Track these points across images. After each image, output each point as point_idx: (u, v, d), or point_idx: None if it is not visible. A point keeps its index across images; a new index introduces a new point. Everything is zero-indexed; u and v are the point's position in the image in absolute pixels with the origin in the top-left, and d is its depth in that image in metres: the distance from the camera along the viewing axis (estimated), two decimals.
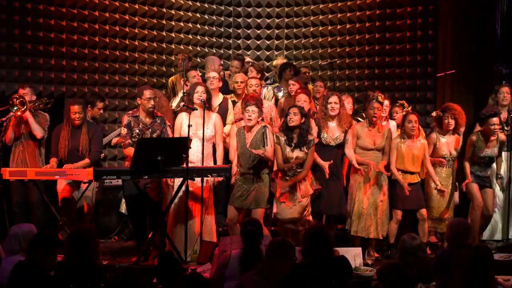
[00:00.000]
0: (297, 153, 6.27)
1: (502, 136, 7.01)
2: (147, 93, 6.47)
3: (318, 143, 6.46)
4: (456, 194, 7.07)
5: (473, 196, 6.96)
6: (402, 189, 6.57)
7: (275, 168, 6.53)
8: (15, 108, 6.75)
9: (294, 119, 6.25)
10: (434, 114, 6.88)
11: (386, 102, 7.11)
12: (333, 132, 6.52)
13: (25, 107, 6.76)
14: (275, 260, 4.39)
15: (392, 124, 7.22)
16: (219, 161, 6.64)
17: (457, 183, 7.03)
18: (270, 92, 8.03)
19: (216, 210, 6.84)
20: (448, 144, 6.85)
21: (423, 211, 6.69)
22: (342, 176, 6.71)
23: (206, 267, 5.63)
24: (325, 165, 6.36)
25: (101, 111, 7.43)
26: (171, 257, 4.60)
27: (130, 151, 6.27)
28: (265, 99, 7.54)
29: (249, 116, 6.30)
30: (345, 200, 6.60)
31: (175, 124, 6.69)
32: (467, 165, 6.98)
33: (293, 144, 6.27)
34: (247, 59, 8.91)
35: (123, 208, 7.60)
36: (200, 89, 6.57)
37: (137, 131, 6.47)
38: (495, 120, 6.81)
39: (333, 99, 6.53)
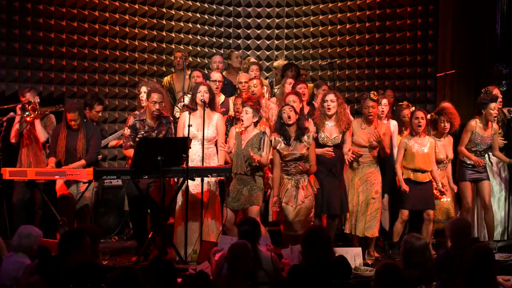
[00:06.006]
0: (298, 148, 6.24)
1: (495, 125, 7.03)
2: (154, 96, 6.37)
3: (315, 143, 6.45)
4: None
5: (463, 196, 6.97)
6: (413, 189, 6.55)
7: (268, 174, 6.56)
8: (26, 113, 6.80)
9: (292, 115, 6.22)
10: (429, 116, 6.84)
11: (385, 101, 7.06)
12: (330, 132, 6.49)
13: (36, 113, 6.79)
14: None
15: (393, 123, 7.17)
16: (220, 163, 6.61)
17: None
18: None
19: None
20: (444, 147, 6.82)
21: (431, 211, 6.64)
22: (343, 175, 6.68)
23: (203, 266, 5.62)
24: (325, 149, 6.38)
25: (100, 114, 7.30)
26: (163, 260, 4.55)
27: (131, 152, 6.23)
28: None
29: (242, 116, 6.36)
30: (346, 200, 6.58)
31: (178, 123, 6.66)
32: (464, 150, 6.96)
33: (291, 142, 6.25)
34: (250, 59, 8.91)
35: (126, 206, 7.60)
36: (202, 88, 6.54)
37: (143, 133, 6.43)
38: (495, 105, 6.85)
39: (330, 97, 6.49)
